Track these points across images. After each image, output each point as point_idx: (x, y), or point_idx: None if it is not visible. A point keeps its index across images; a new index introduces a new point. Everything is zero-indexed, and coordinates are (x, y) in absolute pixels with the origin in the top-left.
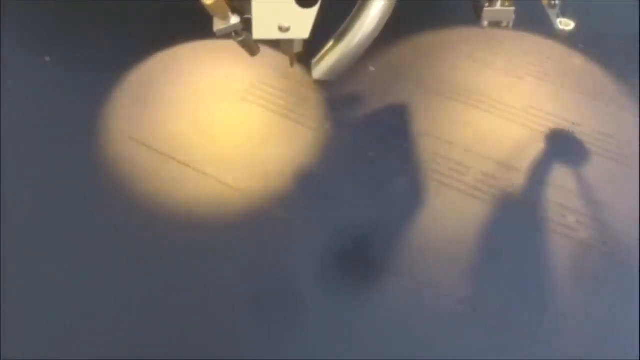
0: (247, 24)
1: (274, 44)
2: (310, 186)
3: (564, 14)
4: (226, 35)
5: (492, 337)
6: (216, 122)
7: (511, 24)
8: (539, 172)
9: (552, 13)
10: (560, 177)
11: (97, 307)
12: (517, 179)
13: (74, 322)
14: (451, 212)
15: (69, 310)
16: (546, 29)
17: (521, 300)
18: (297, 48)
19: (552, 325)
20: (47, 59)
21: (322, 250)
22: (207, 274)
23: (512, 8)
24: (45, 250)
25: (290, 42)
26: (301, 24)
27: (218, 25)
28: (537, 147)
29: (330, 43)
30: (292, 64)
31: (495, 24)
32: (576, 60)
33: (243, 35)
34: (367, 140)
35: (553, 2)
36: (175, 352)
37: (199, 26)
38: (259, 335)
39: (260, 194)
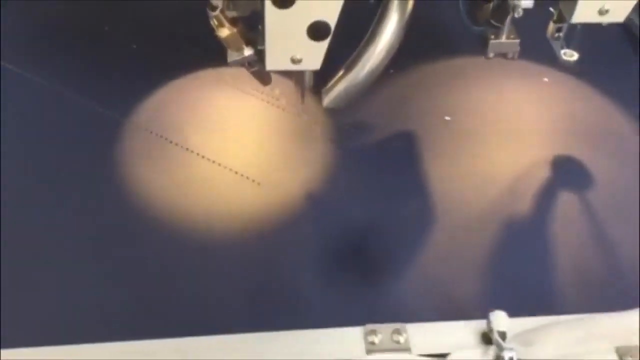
0: (260, 56)
1: (287, 74)
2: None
3: (568, 45)
4: (239, 65)
5: None
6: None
7: (516, 55)
8: (545, 197)
9: (556, 44)
10: (566, 201)
11: (98, 305)
12: (522, 204)
13: (75, 321)
14: (455, 225)
15: (67, 314)
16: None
17: (525, 303)
18: (308, 80)
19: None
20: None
21: (324, 250)
22: (207, 272)
23: (517, 40)
24: (47, 249)
25: (301, 73)
26: (313, 56)
27: (232, 56)
28: (544, 171)
29: (341, 72)
30: (302, 101)
31: (501, 55)
32: (579, 86)
33: (256, 66)
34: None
35: (557, 35)
36: None
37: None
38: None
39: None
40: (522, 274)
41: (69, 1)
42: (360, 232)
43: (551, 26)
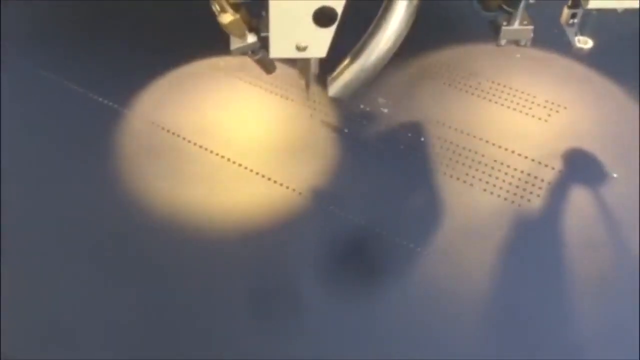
0: (263, 43)
1: (291, 62)
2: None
3: (582, 32)
4: (242, 53)
5: (502, 336)
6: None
7: (529, 43)
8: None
9: (570, 31)
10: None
11: (99, 307)
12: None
13: (75, 322)
14: (465, 211)
15: (70, 310)
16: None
17: (528, 300)
18: (314, 68)
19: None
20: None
21: (326, 248)
22: (209, 272)
23: (531, 27)
24: (47, 251)
25: (307, 61)
26: (318, 43)
27: (235, 43)
28: (554, 163)
29: (347, 60)
30: (307, 87)
31: (514, 42)
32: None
33: (260, 53)
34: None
35: (571, 21)
36: (179, 353)
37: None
38: (264, 335)
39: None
40: (526, 248)
41: None
42: (369, 227)
43: (565, 12)
